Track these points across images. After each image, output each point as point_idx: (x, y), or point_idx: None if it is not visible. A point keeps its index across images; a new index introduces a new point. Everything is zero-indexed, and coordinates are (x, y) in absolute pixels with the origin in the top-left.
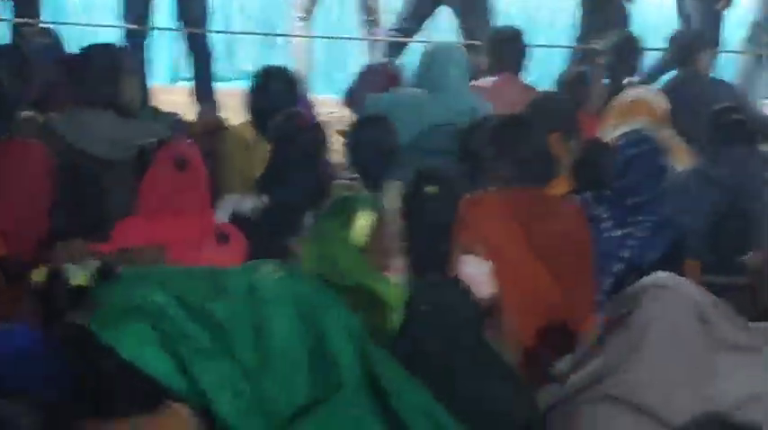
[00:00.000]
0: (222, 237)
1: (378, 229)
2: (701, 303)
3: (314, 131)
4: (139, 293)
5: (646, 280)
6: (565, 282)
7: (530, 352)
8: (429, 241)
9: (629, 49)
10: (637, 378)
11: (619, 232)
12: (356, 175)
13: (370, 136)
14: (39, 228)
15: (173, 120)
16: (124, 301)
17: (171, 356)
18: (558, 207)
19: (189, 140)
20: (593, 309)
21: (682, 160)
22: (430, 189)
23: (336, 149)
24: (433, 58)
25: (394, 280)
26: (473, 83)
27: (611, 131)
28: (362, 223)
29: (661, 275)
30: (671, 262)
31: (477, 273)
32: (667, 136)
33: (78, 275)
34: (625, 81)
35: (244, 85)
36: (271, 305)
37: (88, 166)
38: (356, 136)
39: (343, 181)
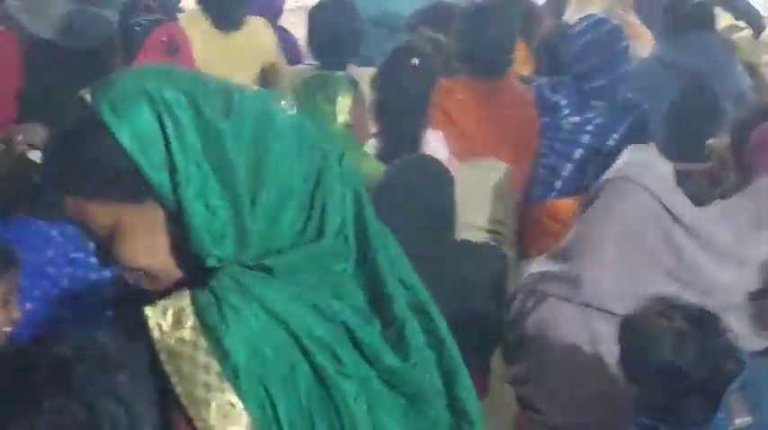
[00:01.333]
0: None
1: (356, 107)
2: (663, 195)
3: None
4: (153, 85)
5: (615, 167)
6: (514, 159)
7: None
8: (405, 115)
9: None
10: (601, 285)
11: (577, 118)
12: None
13: (331, 18)
14: (6, 113)
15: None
16: (135, 89)
17: (164, 156)
18: (513, 95)
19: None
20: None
21: (645, 46)
22: (414, 61)
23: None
24: None
25: (373, 155)
26: None
27: (573, 16)
28: (345, 100)
29: (628, 163)
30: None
31: (437, 146)
32: (629, 21)
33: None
34: None
35: None
36: (276, 137)
37: (52, 52)
38: (318, 18)
39: (302, 66)
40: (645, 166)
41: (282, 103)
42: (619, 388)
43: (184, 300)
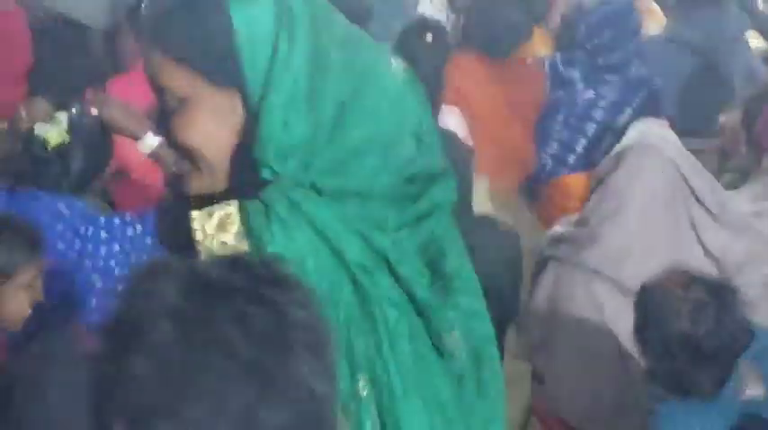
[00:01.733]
0: None
1: None
2: (681, 164)
3: None
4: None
5: (631, 136)
6: (526, 135)
7: None
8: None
9: None
10: (614, 249)
11: (591, 93)
12: None
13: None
14: (16, 91)
15: None
16: None
17: (268, 57)
18: (526, 71)
19: None
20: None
21: (657, 24)
22: (428, 36)
23: None
24: None
25: None
26: None
27: None
28: None
29: (645, 132)
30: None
31: (454, 122)
32: None
33: (53, 133)
34: None
35: None
36: (380, 84)
37: (69, 28)
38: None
39: None
40: (662, 137)
41: (394, 60)
42: (626, 357)
43: (232, 206)
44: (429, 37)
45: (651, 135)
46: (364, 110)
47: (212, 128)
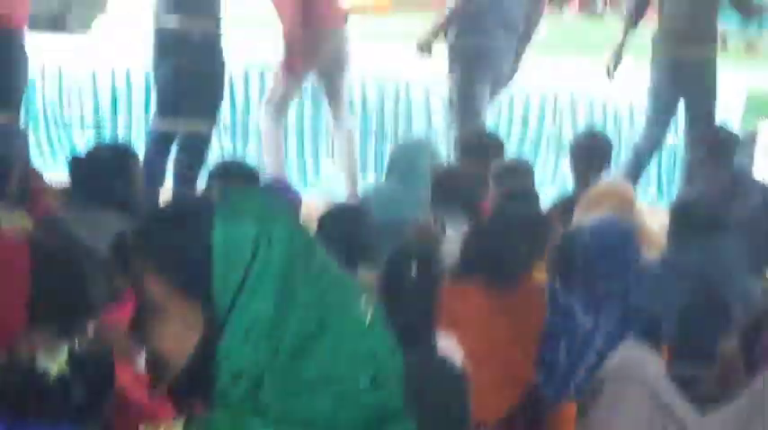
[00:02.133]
0: None
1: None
2: (663, 392)
3: None
4: (272, 225)
5: (608, 369)
6: (527, 364)
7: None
8: (415, 317)
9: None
10: None
11: (590, 321)
12: None
13: (344, 227)
14: (15, 320)
15: None
16: (255, 215)
17: (237, 283)
18: (526, 299)
19: None
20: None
21: (656, 248)
22: (412, 271)
23: None
24: (403, 152)
25: None
26: None
27: (583, 220)
28: None
29: (622, 363)
30: None
31: (449, 351)
32: (639, 225)
33: (53, 364)
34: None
35: None
36: (343, 330)
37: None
38: (329, 226)
39: None
40: (643, 364)
41: (365, 299)
42: None
43: (175, 425)
44: (413, 271)
45: (631, 362)
46: (323, 349)
47: (178, 335)
